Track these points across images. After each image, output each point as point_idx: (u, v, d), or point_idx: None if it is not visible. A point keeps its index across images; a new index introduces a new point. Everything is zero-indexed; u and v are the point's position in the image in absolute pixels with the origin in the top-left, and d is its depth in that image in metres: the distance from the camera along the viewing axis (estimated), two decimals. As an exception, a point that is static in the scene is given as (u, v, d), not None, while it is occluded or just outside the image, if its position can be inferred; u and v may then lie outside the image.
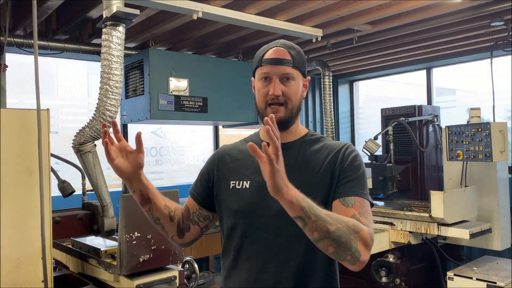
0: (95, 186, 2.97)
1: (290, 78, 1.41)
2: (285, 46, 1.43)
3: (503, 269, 3.34)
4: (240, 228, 1.42)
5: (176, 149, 5.13)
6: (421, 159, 4.52)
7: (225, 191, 1.48)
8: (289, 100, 1.41)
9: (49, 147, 2.36)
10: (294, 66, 1.41)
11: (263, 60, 1.42)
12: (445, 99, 5.64)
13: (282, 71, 1.40)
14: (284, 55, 1.41)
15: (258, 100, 1.45)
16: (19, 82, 4.02)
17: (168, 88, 3.82)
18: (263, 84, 1.42)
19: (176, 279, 2.52)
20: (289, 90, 1.41)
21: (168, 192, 2.54)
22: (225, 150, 1.57)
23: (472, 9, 3.29)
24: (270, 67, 1.40)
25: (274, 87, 1.39)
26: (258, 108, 1.46)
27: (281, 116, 1.40)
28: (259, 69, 1.43)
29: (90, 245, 2.76)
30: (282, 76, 1.40)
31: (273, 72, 1.40)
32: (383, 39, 4.09)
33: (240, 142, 1.60)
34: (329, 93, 5.03)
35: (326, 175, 1.40)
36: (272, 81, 1.40)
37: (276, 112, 1.39)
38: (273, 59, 1.40)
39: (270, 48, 1.43)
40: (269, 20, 3.38)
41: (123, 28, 2.82)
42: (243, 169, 1.47)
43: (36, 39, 2.24)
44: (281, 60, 1.40)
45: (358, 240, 1.22)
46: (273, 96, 1.39)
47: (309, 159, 1.44)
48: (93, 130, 2.88)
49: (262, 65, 1.42)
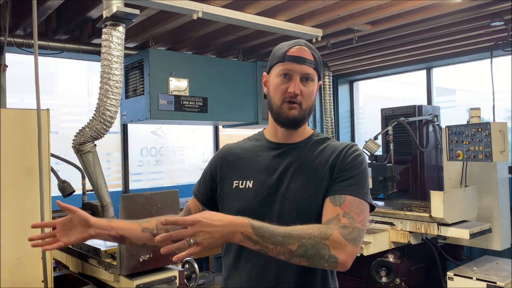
0: (95, 186, 2.97)
1: (309, 79, 1.40)
2: (308, 47, 1.42)
3: (503, 269, 3.34)
4: None
5: (176, 149, 5.14)
6: (421, 159, 4.52)
7: (228, 191, 1.46)
8: (305, 101, 1.39)
9: (49, 147, 2.36)
10: (315, 67, 1.41)
11: (286, 56, 1.39)
12: (445, 99, 5.64)
13: (304, 70, 1.38)
14: (308, 55, 1.39)
15: (274, 96, 1.41)
16: (19, 82, 4.01)
17: (168, 88, 3.82)
18: (282, 81, 1.39)
19: (176, 279, 2.52)
20: (307, 91, 1.39)
21: (168, 192, 2.55)
22: (228, 149, 1.55)
23: (472, 9, 3.29)
24: (294, 64, 1.38)
25: (295, 85, 1.37)
26: (273, 104, 1.42)
27: (295, 115, 1.39)
28: (280, 65, 1.40)
29: (90, 245, 2.76)
30: (303, 76, 1.38)
31: (296, 70, 1.38)
32: (383, 39, 4.09)
33: (244, 141, 1.58)
34: (329, 93, 5.03)
35: (328, 175, 1.39)
36: (292, 78, 1.38)
37: (292, 109, 1.38)
38: (297, 57, 1.38)
39: (294, 46, 1.40)
40: (269, 20, 3.38)
41: (123, 28, 2.82)
42: (246, 169, 1.45)
43: (36, 39, 2.24)
44: (305, 59, 1.38)
45: (329, 246, 1.19)
46: (293, 94, 1.36)
47: (314, 159, 1.42)
48: (93, 130, 2.88)
49: (284, 61, 1.39)
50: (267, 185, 1.39)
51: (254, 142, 1.54)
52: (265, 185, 1.40)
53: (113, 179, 4.58)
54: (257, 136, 1.57)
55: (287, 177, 1.40)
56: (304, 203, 1.36)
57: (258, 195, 1.40)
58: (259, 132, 1.58)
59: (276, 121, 1.44)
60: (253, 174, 1.43)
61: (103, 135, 2.94)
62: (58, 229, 1.41)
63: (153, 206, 2.46)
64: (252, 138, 1.57)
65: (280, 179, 1.40)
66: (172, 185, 4.86)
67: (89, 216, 1.41)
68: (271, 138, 1.50)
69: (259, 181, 1.41)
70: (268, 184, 1.39)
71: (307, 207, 1.35)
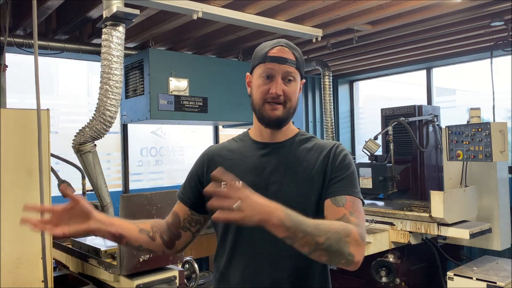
0: (95, 186, 2.97)
1: (291, 78, 1.40)
2: (289, 46, 1.42)
3: (503, 269, 3.34)
4: (233, 230, 1.40)
5: (176, 149, 5.14)
6: (421, 159, 4.52)
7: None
8: (288, 100, 1.40)
9: (49, 147, 2.36)
10: (297, 67, 1.41)
11: (267, 57, 1.39)
12: (445, 99, 5.64)
13: (286, 70, 1.38)
14: (289, 55, 1.40)
15: (256, 96, 1.42)
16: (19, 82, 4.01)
17: (168, 88, 3.82)
18: (264, 82, 1.39)
19: (176, 279, 2.52)
20: (290, 90, 1.40)
21: (168, 192, 2.55)
22: (214, 151, 1.53)
23: (472, 9, 3.29)
24: (275, 65, 1.38)
25: (277, 86, 1.37)
26: (255, 105, 1.43)
27: (279, 115, 1.39)
28: (262, 66, 1.40)
29: (90, 245, 2.76)
30: (285, 75, 1.39)
31: (277, 70, 1.38)
32: (383, 39, 4.09)
33: (228, 142, 1.56)
34: (329, 93, 5.03)
35: (319, 175, 1.40)
36: (274, 79, 1.38)
37: (274, 110, 1.39)
38: (278, 57, 1.38)
39: (274, 46, 1.41)
40: (269, 20, 3.38)
41: (123, 28, 2.82)
42: (234, 170, 1.39)
43: (36, 39, 2.24)
44: (286, 59, 1.39)
45: (349, 244, 1.21)
46: (275, 95, 1.37)
47: (302, 158, 1.43)
48: (93, 130, 2.88)
49: (265, 62, 1.39)
50: (257, 185, 1.35)
51: (239, 142, 1.53)
52: (255, 186, 1.34)
53: (113, 179, 4.58)
54: (242, 136, 1.55)
55: (277, 177, 1.40)
56: (297, 201, 1.35)
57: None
58: (244, 133, 1.56)
59: (260, 121, 1.45)
60: (241, 175, 1.39)
61: (103, 135, 2.94)
62: (56, 216, 1.30)
63: (153, 206, 2.46)
64: (237, 138, 1.56)
65: (269, 178, 1.40)
66: (172, 185, 4.86)
67: (92, 208, 1.34)
68: (256, 138, 1.49)
69: (248, 181, 1.34)
70: (258, 184, 1.36)
71: (300, 206, 1.33)
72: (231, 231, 1.41)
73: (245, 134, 1.55)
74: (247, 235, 1.39)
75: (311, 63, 4.82)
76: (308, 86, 5.90)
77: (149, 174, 4.99)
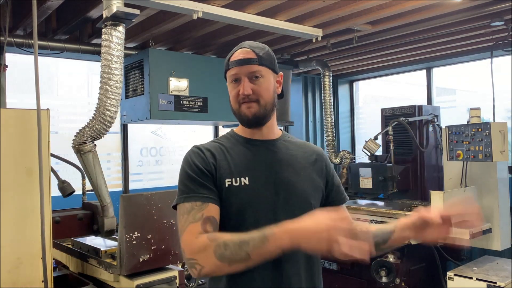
0: (95, 186, 2.97)
1: (258, 76, 1.43)
2: (250, 46, 1.46)
3: (503, 269, 3.34)
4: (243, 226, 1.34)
5: (176, 149, 5.14)
6: (421, 159, 4.52)
7: (221, 192, 1.39)
8: (260, 97, 1.43)
9: (49, 147, 2.36)
10: (261, 63, 1.44)
11: (229, 62, 1.45)
12: (445, 99, 5.64)
13: (249, 69, 1.42)
14: (249, 54, 1.43)
15: (232, 102, 1.47)
16: (19, 82, 4.01)
17: (168, 88, 3.82)
18: (233, 86, 1.45)
19: (176, 279, 2.52)
20: (259, 88, 1.43)
21: (168, 192, 2.55)
22: (207, 148, 1.46)
23: (472, 9, 3.29)
24: (237, 68, 1.43)
25: (244, 86, 1.41)
26: (234, 110, 1.48)
27: (254, 112, 1.43)
28: (228, 72, 1.46)
29: (90, 245, 2.76)
30: (250, 75, 1.42)
31: (240, 72, 1.42)
32: (383, 39, 4.09)
33: (214, 142, 1.51)
34: (329, 93, 5.03)
35: (318, 178, 1.51)
36: (241, 81, 1.43)
37: (249, 108, 1.42)
38: (238, 60, 1.43)
39: (236, 51, 1.46)
40: (269, 20, 3.38)
41: (123, 28, 2.82)
42: (236, 166, 1.42)
43: (36, 39, 2.24)
44: (246, 59, 1.42)
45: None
46: (244, 96, 1.41)
47: (297, 155, 1.51)
48: (93, 130, 2.88)
49: (229, 68, 1.45)
50: (265, 180, 1.42)
51: (229, 141, 1.50)
52: (262, 180, 1.42)
53: (113, 179, 4.58)
54: (229, 137, 1.53)
55: (281, 171, 1.44)
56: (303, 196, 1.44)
57: (259, 189, 1.40)
58: (229, 133, 1.55)
59: (242, 123, 1.49)
60: (245, 171, 1.41)
61: (103, 135, 2.94)
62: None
63: (153, 206, 2.46)
64: (224, 138, 1.52)
65: (274, 173, 1.43)
66: (172, 185, 4.86)
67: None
68: (247, 136, 1.50)
69: (255, 176, 1.41)
70: (265, 179, 1.42)
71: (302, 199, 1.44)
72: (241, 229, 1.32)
73: (232, 134, 1.54)
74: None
75: (311, 63, 4.81)
76: (308, 86, 5.89)
77: (149, 174, 4.99)
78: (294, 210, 1.37)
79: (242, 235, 1.22)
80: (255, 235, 1.20)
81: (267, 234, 1.19)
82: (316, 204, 1.48)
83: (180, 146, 5.16)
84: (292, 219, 1.28)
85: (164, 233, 2.49)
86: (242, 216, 1.38)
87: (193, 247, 1.26)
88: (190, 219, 1.31)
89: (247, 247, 1.19)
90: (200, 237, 1.26)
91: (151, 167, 4.97)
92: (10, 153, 2.25)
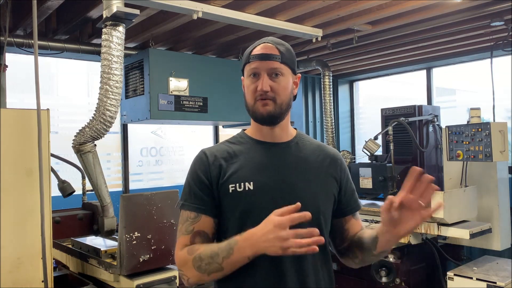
0: (95, 186, 2.96)
1: (278, 73, 1.38)
2: (273, 42, 1.41)
3: (503, 269, 3.34)
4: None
5: (176, 149, 5.14)
6: (421, 159, 4.52)
7: (224, 196, 1.37)
8: (277, 96, 1.37)
9: (49, 147, 2.36)
10: (283, 61, 1.39)
11: (251, 56, 1.40)
12: (445, 99, 5.64)
13: (270, 65, 1.37)
14: (272, 50, 1.39)
15: (247, 96, 1.42)
16: (19, 82, 4.01)
17: (168, 88, 3.82)
18: (251, 80, 1.39)
19: (176, 279, 2.52)
20: (278, 86, 1.37)
21: (168, 192, 2.55)
22: (213, 153, 1.44)
23: (472, 9, 3.29)
24: (258, 62, 1.38)
25: (263, 82, 1.36)
26: (248, 105, 1.42)
27: (270, 110, 1.37)
28: (247, 66, 1.41)
29: (90, 245, 2.76)
30: (270, 71, 1.37)
31: (261, 67, 1.37)
32: (383, 39, 4.09)
33: (224, 144, 1.49)
34: (329, 93, 5.03)
35: (331, 183, 1.46)
36: (260, 76, 1.37)
37: (265, 105, 1.37)
38: (260, 54, 1.38)
39: (258, 44, 1.42)
40: (269, 20, 3.38)
41: (123, 28, 2.82)
42: (241, 171, 1.39)
43: (36, 39, 2.24)
44: (268, 55, 1.38)
45: None
46: (262, 92, 1.36)
47: (308, 158, 1.45)
48: (93, 130, 2.88)
49: (250, 61, 1.39)
50: (270, 185, 1.37)
51: (239, 144, 1.47)
52: (267, 185, 1.37)
53: (113, 179, 4.58)
54: (239, 138, 1.49)
55: (289, 176, 1.40)
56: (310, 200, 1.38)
57: (263, 195, 1.36)
58: (240, 134, 1.51)
59: (254, 120, 1.43)
60: (251, 176, 1.37)
61: (103, 135, 2.94)
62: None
63: (153, 206, 2.46)
64: (234, 140, 1.50)
65: (281, 177, 1.39)
66: (172, 185, 4.86)
67: None
68: (258, 138, 1.46)
69: (260, 181, 1.37)
70: (270, 184, 1.37)
71: (312, 204, 1.38)
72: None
73: (242, 136, 1.50)
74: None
75: (311, 63, 4.81)
76: (308, 86, 5.89)
77: (149, 174, 4.99)
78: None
79: (214, 246, 1.29)
80: (223, 246, 1.26)
81: (232, 244, 1.24)
82: (326, 210, 1.43)
83: (180, 146, 5.16)
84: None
85: (164, 233, 2.49)
86: (245, 221, 1.34)
87: (178, 259, 1.36)
88: (183, 230, 1.38)
89: (218, 259, 1.25)
90: (183, 250, 1.34)
91: (151, 167, 4.97)
92: (10, 153, 2.25)
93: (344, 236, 1.50)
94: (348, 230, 1.49)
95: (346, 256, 1.52)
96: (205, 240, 1.36)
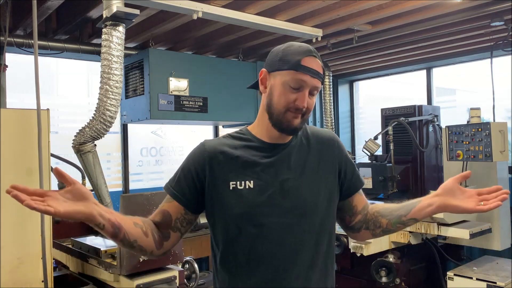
0: (95, 186, 2.97)
1: (316, 93, 1.38)
2: (318, 57, 1.38)
3: (503, 269, 3.34)
4: (248, 231, 1.35)
5: (176, 149, 5.14)
6: (421, 159, 4.52)
7: (223, 194, 1.37)
8: (307, 113, 1.39)
9: (49, 147, 2.36)
10: (322, 82, 1.41)
11: (300, 65, 1.33)
12: (445, 99, 5.64)
13: (315, 84, 1.36)
14: (319, 68, 1.37)
15: (278, 102, 1.36)
16: (19, 82, 4.01)
17: (168, 88, 3.82)
18: (290, 90, 1.34)
19: (176, 279, 2.52)
20: (311, 104, 1.38)
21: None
22: (214, 146, 1.43)
23: (472, 9, 3.29)
24: (309, 77, 1.34)
25: (305, 99, 1.35)
26: (275, 110, 1.37)
27: (298, 124, 1.38)
28: (293, 74, 1.34)
29: (90, 245, 2.76)
30: (312, 89, 1.36)
31: (308, 83, 1.34)
32: (383, 39, 4.09)
33: (227, 139, 1.47)
34: (329, 93, 5.03)
35: (328, 170, 1.46)
36: (301, 90, 1.34)
37: (295, 118, 1.37)
38: (312, 69, 1.34)
39: (308, 55, 1.35)
40: (269, 20, 3.38)
41: (123, 28, 2.82)
42: (242, 168, 1.39)
43: (36, 39, 2.24)
44: (318, 73, 1.36)
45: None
46: (301, 107, 1.34)
47: (308, 156, 1.46)
48: (93, 130, 2.88)
49: (298, 70, 1.33)
50: (271, 184, 1.37)
51: (242, 141, 1.45)
52: (268, 184, 1.37)
53: (113, 179, 4.58)
54: (242, 134, 1.48)
55: (289, 176, 1.40)
56: (310, 199, 1.39)
57: (263, 194, 1.36)
58: (243, 130, 1.49)
59: (275, 126, 1.39)
60: (252, 174, 1.37)
61: (103, 135, 2.94)
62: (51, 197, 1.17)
63: (153, 206, 2.46)
64: (237, 136, 1.48)
65: (283, 177, 1.39)
66: (172, 185, 4.85)
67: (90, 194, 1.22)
68: (263, 138, 1.44)
69: (260, 180, 1.37)
70: (271, 183, 1.37)
71: (312, 203, 1.39)
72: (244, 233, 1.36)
73: (245, 132, 1.48)
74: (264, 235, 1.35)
75: (311, 63, 4.81)
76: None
77: (149, 174, 4.99)
78: (301, 214, 1.36)
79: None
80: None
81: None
82: (328, 206, 1.43)
83: (180, 146, 5.16)
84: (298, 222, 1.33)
85: (164, 233, 2.48)
86: (245, 219, 1.35)
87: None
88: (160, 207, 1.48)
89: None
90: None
91: (151, 167, 4.97)
92: (10, 153, 2.25)
93: (354, 212, 1.54)
94: (356, 206, 1.53)
95: (363, 229, 1.54)
96: (164, 220, 1.43)
